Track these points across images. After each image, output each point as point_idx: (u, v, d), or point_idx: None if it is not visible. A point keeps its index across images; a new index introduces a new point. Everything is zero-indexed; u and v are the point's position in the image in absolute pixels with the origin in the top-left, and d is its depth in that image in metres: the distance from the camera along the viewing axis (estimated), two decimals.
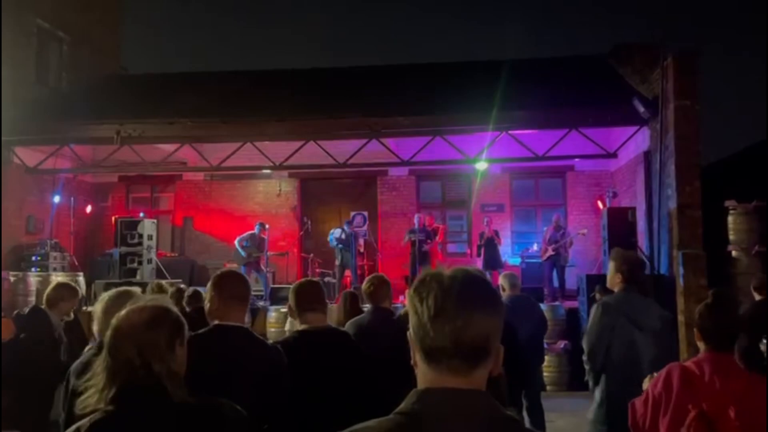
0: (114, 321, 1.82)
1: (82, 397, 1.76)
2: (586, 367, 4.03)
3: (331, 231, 12.22)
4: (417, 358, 1.24)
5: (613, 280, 4.03)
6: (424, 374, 1.23)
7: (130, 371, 1.71)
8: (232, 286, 2.74)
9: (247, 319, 9.80)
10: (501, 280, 5.99)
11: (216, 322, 2.66)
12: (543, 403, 5.88)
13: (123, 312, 1.84)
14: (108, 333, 1.81)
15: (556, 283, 11.44)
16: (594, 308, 3.99)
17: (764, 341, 3.91)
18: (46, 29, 13.22)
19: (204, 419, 1.76)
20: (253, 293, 12.07)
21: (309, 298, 3.16)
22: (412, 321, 1.24)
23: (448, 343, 1.18)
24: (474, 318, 1.18)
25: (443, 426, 1.16)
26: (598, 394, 3.92)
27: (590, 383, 4.05)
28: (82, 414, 1.73)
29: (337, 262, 12.08)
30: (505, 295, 5.76)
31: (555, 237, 11.42)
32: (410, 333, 1.25)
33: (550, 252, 11.34)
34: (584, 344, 3.96)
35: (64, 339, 4.96)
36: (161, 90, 13.31)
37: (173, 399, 1.71)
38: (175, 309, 1.90)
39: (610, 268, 4.08)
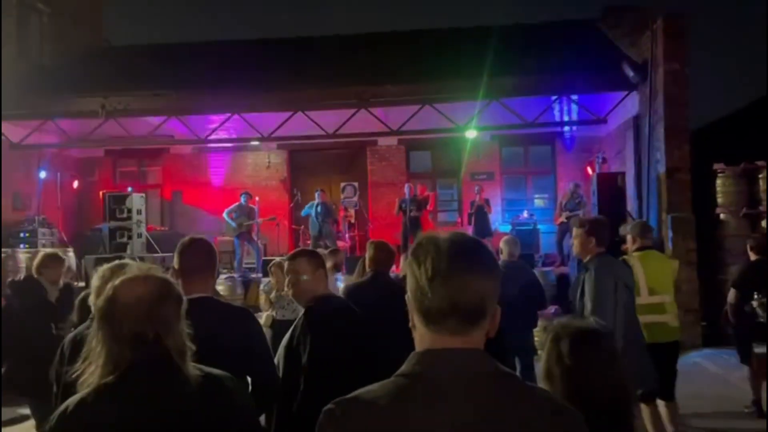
0: (111, 291, 1.69)
1: (83, 377, 1.66)
2: None
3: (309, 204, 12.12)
4: (415, 321, 1.26)
5: (586, 245, 4.00)
6: (422, 336, 1.25)
7: (139, 344, 1.62)
8: (186, 257, 2.66)
9: (239, 290, 9.79)
10: (501, 244, 6.06)
11: None
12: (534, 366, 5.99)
13: (121, 281, 1.71)
14: (106, 304, 1.68)
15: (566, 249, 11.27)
16: (590, 275, 3.91)
17: (756, 298, 4.03)
18: (25, 1, 12.91)
19: (213, 392, 1.72)
20: (245, 266, 12.09)
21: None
22: (410, 284, 1.25)
23: (446, 304, 1.20)
24: (471, 279, 1.21)
25: (444, 385, 1.17)
26: None
27: None
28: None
29: (314, 233, 11.87)
30: (501, 259, 5.82)
31: (571, 205, 11.27)
32: (408, 296, 1.26)
33: (563, 219, 11.29)
34: (589, 311, 3.79)
35: (59, 305, 5.02)
36: (146, 62, 13.08)
37: (184, 373, 1.65)
38: (172, 279, 1.82)
39: (578, 234, 4.06)
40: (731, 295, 6.03)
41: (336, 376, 2.72)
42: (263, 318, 5.79)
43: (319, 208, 11.82)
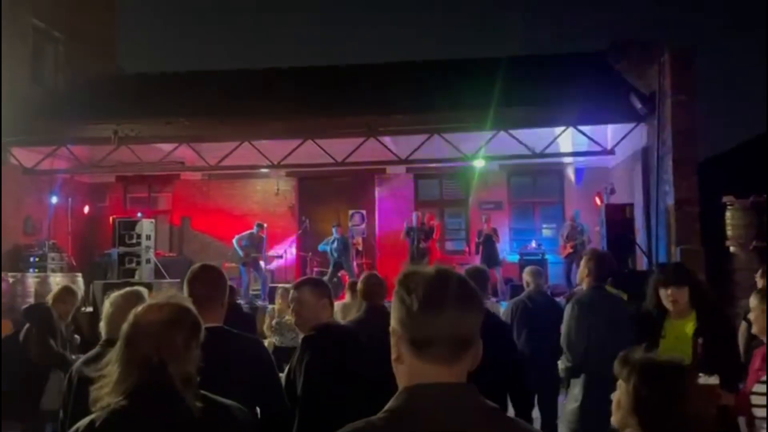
0: (133, 316, 1.79)
1: (95, 386, 1.73)
2: (562, 366, 4.09)
3: (324, 241, 12.23)
4: (403, 351, 1.24)
5: (582, 273, 4.17)
6: (410, 368, 1.23)
7: (145, 367, 1.69)
8: (196, 285, 2.62)
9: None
10: (527, 276, 5.93)
11: None
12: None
13: (143, 307, 1.81)
14: (126, 326, 1.77)
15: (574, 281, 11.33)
16: (568, 306, 4.07)
17: None
18: (41, 29, 13.18)
19: (219, 420, 1.74)
20: (252, 292, 12.09)
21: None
22: (398, 313, 1.25)
23: (438, 332, 1.20)
24: (462, 311, 1.22)
25: (436, 420, 1.17)
26: (576, 391, 3.96)
27: (565, 382, 4.14)
28: (93, 405, 1.71)
29: (332, 268, 12.02)
30: (528, 290, 5.76)
31: (573, 234, 11.44)
32: (394, 326, 1.26)
33: (569, 249, 11.33)
34: (562, 342, 4.03)
35: (65, 334, 5.06)
36: (158, 89, 13.27)
37: (185, 402, 1.68)
38: (194, 309, 1.86)
39: (581, 264, 4.22)
40: (743, 327, 5.97)
41: (330, 408, 2.68)
42: (266, 345, 5.80)
43: (335, 244, 11.87)
